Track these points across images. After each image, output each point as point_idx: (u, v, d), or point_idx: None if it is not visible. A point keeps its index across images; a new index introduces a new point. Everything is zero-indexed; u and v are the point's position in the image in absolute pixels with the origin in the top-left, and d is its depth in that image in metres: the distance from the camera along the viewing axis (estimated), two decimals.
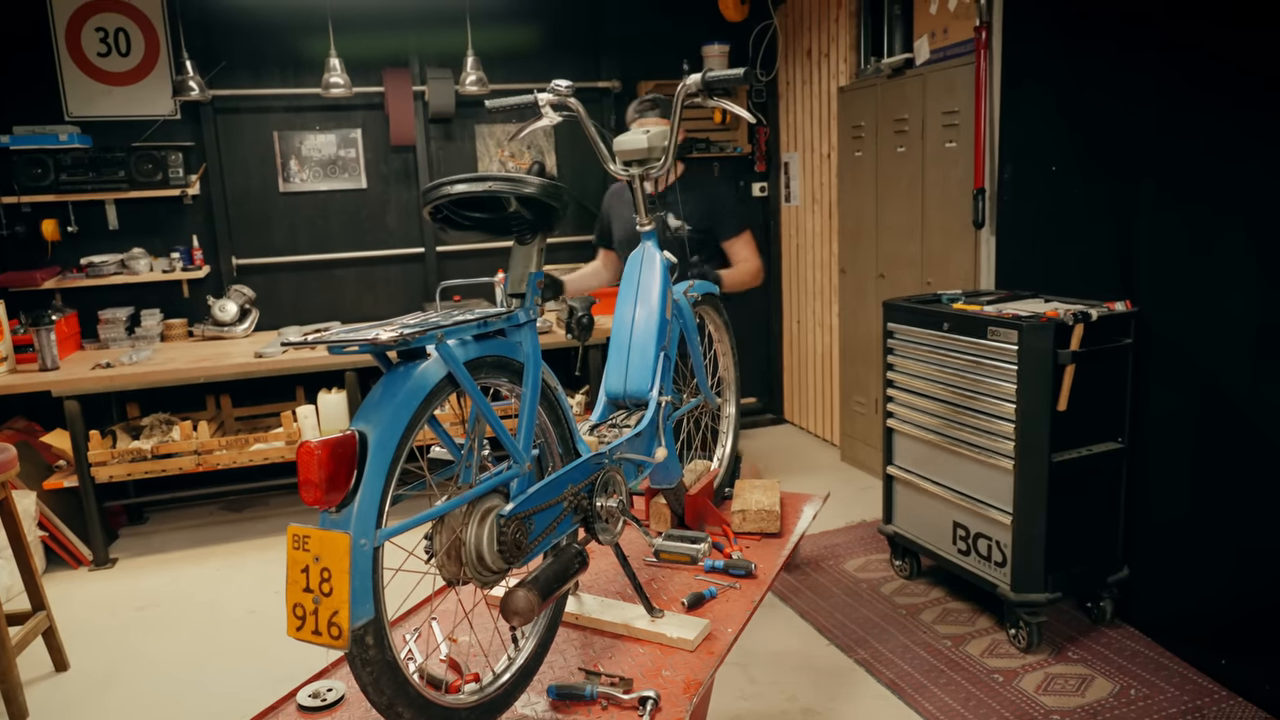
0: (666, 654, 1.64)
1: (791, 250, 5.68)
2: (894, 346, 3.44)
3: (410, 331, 1.12)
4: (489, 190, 1.36)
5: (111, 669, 3.23)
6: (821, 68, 5.09)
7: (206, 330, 4.71)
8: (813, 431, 5.65)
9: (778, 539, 2.15)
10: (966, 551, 3.15)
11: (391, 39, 4.90)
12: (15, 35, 4.44)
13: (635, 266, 1.97)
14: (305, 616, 1.07)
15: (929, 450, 3.31)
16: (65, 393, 3.97)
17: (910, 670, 2.90)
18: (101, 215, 4.69)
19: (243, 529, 4.58)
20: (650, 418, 1.84)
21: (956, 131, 3.88)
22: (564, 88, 1.97)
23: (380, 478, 1.10)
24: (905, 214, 4.34)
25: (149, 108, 4.68)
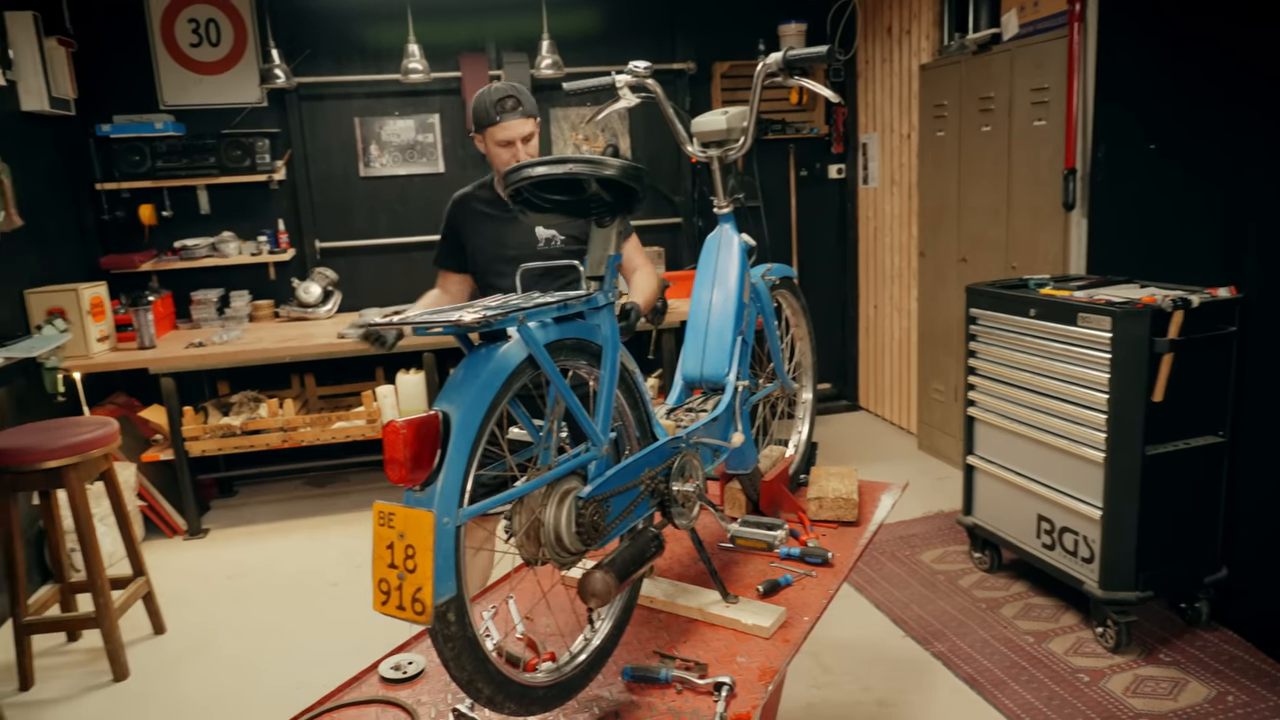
0: (741, 640, 1.63)
1: (869, 233, 5.56)
2: (977, 333, 3.34)
3: (492, 314, 1.13)
4: (569, 172, 1.35)
5: (205, 633, 3.38)
6: (902, 45, 4.95)
7: (291, 311, 4.86)
8: (888, 419, 5.54)
9: (855, 528, 2.12)
10: (1051, 546, 3.05)
11: (468, 24, 4.95)
12: (115, 29, 4.62)
13: (713, 249, 1.95)
14: (390, 592, 1.09)
15: (1013, 440, 3.20)
16: (162, 370, 4.14)
17: (990, 666, 2.83)
18: (194, 200, 4.87)
19: (325, 504, 4.73)
20: (727, 402, 1.82)
21: (1046, 109, 3.73)
22: (642, 69, 1.95)
23: (463, 457, 1.11)
24: (989, 196, 4.20)
25: (237, 95, 4.83)
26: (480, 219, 2.59)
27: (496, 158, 2.49)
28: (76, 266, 4.51)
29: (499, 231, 2.55)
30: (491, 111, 2.44)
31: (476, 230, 2.59)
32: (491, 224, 2.57)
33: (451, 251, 2.66)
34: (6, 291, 3.85)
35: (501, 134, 2.43)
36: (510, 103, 2.44)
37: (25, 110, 4.07)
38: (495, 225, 2.57)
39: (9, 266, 3.85)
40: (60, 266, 4.31)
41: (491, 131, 2.45)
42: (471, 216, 2.60)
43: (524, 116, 2.45)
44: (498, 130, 2.44)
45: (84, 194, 4.65)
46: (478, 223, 2.59)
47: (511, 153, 2.46)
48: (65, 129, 4.49)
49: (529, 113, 2.46)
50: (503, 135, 2.43)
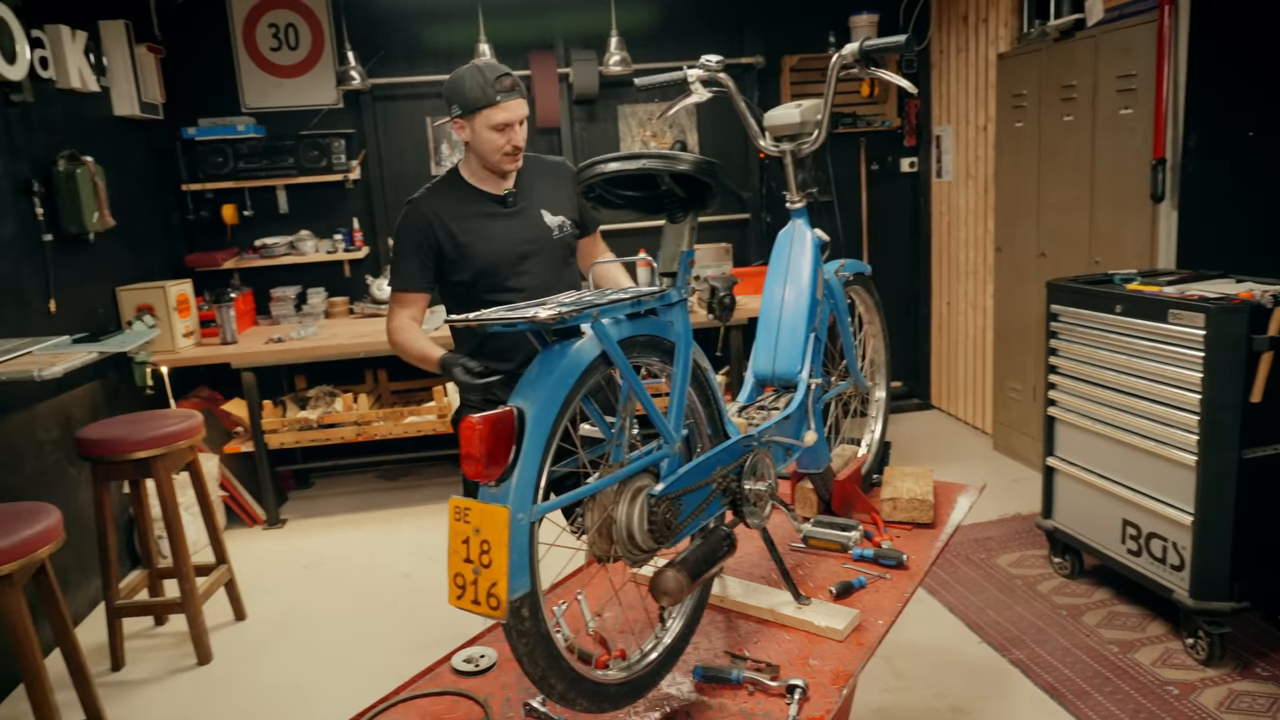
0: (814, 642, 1.60)
1: (942, 228, 5.42)
2: (1058, 330, 3.23)
3: (567, 310, 1.13)
4: (642, 168, 1.34)
5: (283, 620, 3.48)
6: (979, 34, 4.81)
7: (365, 308, 4.97)
8: (961, 418, 5.40)
9: (930, 529, 2.07)
10: (1137, 552, 2.93)
11: (537, 22, 4.98)
12: (201, 36, 4.78)
13: (785, 245, 1.92)
14: (465, 586, 1.10)
15: (1097, 441, 3.09)
16: (243, 365, 4.28)
17: (1071, 675, 2.73)
18: (273, 200, 5.01)
19: (397, 497, 4.82)
20: (799, 400, 1.79)
21: (1133, 97, 3.58)
22: (714, 63, 1.93)
23: (538, 453, 1.12)
24: (1071, 188, 4.05)
25: (314, 97, 4.95)
26: (475, 219, 2.29)
27: (489, 143, 2.23)
28: (163, 265, 4.68)
29: (508, 228, 2.31)
30: (490, 91, 2.19)
31: (477, 232, 2.28)
32: (495, 221, 2.31)
33: (422, 268, 2.29)
34: (100, 289, 4.03)
35: (501, 115, 2.20)
36: (508, 80, 2.21)
37: (118, 115, 4.25)
38: (500, 222, 2.32)
39: (103, 265, 4.02)
40: (149, 265, 4.48)
41: (488, 114, 2.20)
42: (460, 220, 2.28)
43: (521, 96, 2.25)
44: (496, 111, 2.19)
45: (170, 195, 4.83)
46: (475, 224, 2.29)
47: (508, 137, 2.23)
48: (154, 132, 4.67)
49: (523, 94, 2.27)
50: (502, 117, 2.20)
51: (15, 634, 2.18)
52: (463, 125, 2.25)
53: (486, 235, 2.30)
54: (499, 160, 2.27)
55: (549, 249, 2.35)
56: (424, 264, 2.30)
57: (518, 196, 2.35)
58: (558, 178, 2.44)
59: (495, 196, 2.33)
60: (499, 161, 2.27)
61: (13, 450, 3.22)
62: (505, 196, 2.33)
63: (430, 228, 2.28)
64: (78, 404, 3.70)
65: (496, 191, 2.34)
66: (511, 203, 2.34)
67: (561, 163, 2.50)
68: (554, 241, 2.36)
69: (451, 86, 2.23)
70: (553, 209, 2.37)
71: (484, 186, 2.34)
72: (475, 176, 2.34)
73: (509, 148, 2.25)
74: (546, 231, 2.35)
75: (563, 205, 2.39)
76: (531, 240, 2.33)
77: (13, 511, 2.29)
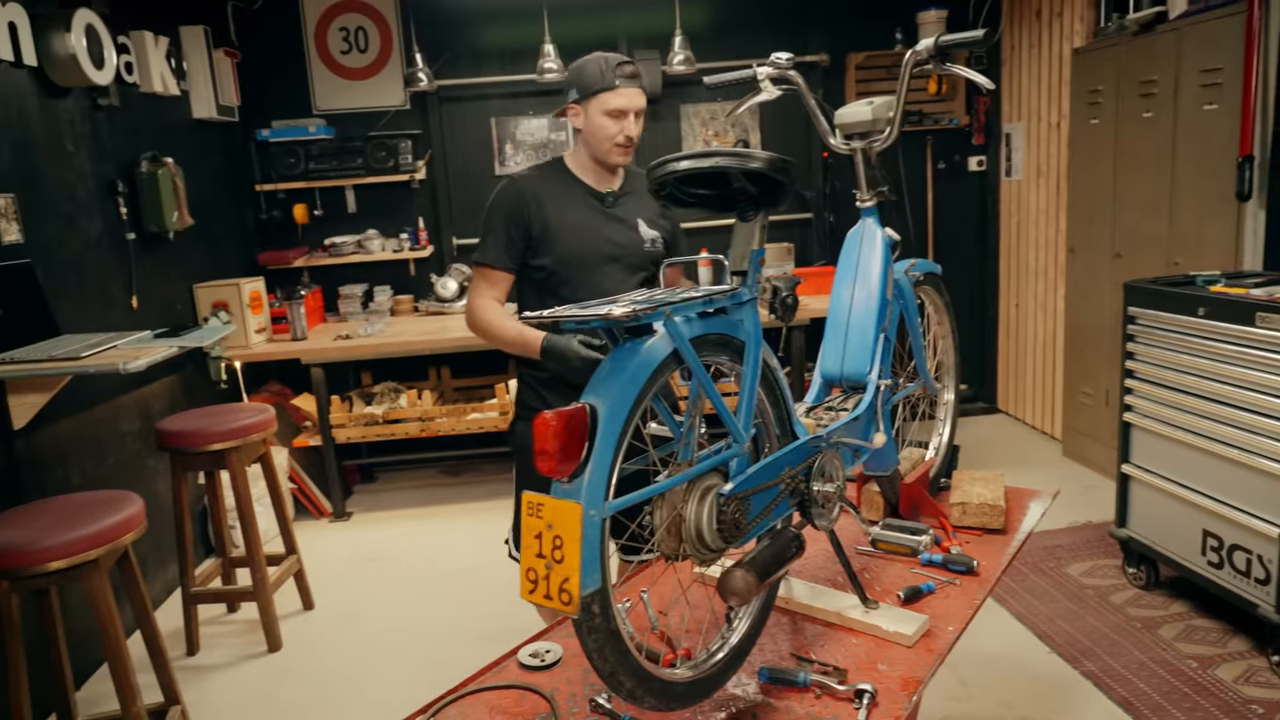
0: (881, 647, 1.57)
1: (1011, 228, 5.30)
2: (1136, 333, 3.12)
3: (641, 307, 1.13)
4: (715, 166, 1.34)
5: (350, 611, 3.56)
6: (1052, 28, 4.69)
7: (429, 306, 5.05)
8: (1029, 423, 5.27)
9: (1001, 535, 2.02)
10: (1219, 564, 2.82)
11: (601, 22, 5.00)
12: (274, 40, 4.92)
13: (855, 244, 1.89)
14: (538, 581, 1.11)
15: (1176, 449, 2.98)
16: (312, 360, 4.39)
17: (1147, 690, 2.64)
18: (342, 199, 5.13)
19: (459, 492, 4.90)
20: (868, 401, 1.77)
21: (1218, 92, 3.44)
22: (784, 60, 1.91)
23: (610, 450, 1.12)
24: (1149, 186, 3.92)
25: (383, 99, 5.05)
26: (571, 209, 2.23)
27: (601, 130, 2.18)
28: (237, 262, 4.83)
29: (602, 226, 2.25)
30: (609, 75, 2.15)
31: (570, 222, 2.21)
32: (591, 216, 2.24)
33: (510, 244, 2.21)
34: (178, 286, 4.17)
35: (618, 100, 2.15)
36: (630, 69, 2.18)
37: (196, 118, 4.40)
38: (596, 218, 2.25)
39: (181, 262, 4.16)
40: (223, 262, 4.63)
41: (605, 98, 2.15)
42: (557, 205, 2.22)
43: (641, 88, 2.19)
44: (614, 96, 2.15)
45: (245, 195, 4.98)
46: (571, 213, 2.22)
47: (621, 126, 2.18)
48: (229, 134, 4.82)
49: (644, 86, 2.22)
50: (619, 103, 2.15)
51: (100, 616, 2.27)
52: (578, 111, 2.20)
53: (579, 227, 2.22)
54: (609, 150, 2.20)
55: (637, 259, 2.27)
56: (512, 240, 2.21)
57: (619, 199, 2.28)
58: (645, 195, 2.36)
59: (597, 192, 2.26)
60: (609, 151, 2.20)
61: (98, 440, 3.35)
62: (607, 195, 2.26)
63: (525, 204, 2.20)
64: (157, 397, 3.84)
65: (599, 188, 2.27)
66: (611, 203, 2.26)
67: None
68: (643, 253, 2.27)
69: (572, 72, 2.21)
70: (650, 222, 2.30)
71: (588, 180, 2.27)
72: (581, 168, 2.27)
73: (621, 137, 2.18)
74: (639, 241, 2.27)
75: (659, 222, 2.33)
76: (621, 245, 2.24)
77: (100, 499, 2.39)
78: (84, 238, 3.37)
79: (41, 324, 2.91)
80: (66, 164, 3.29)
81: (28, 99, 3.09)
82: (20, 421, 2.81)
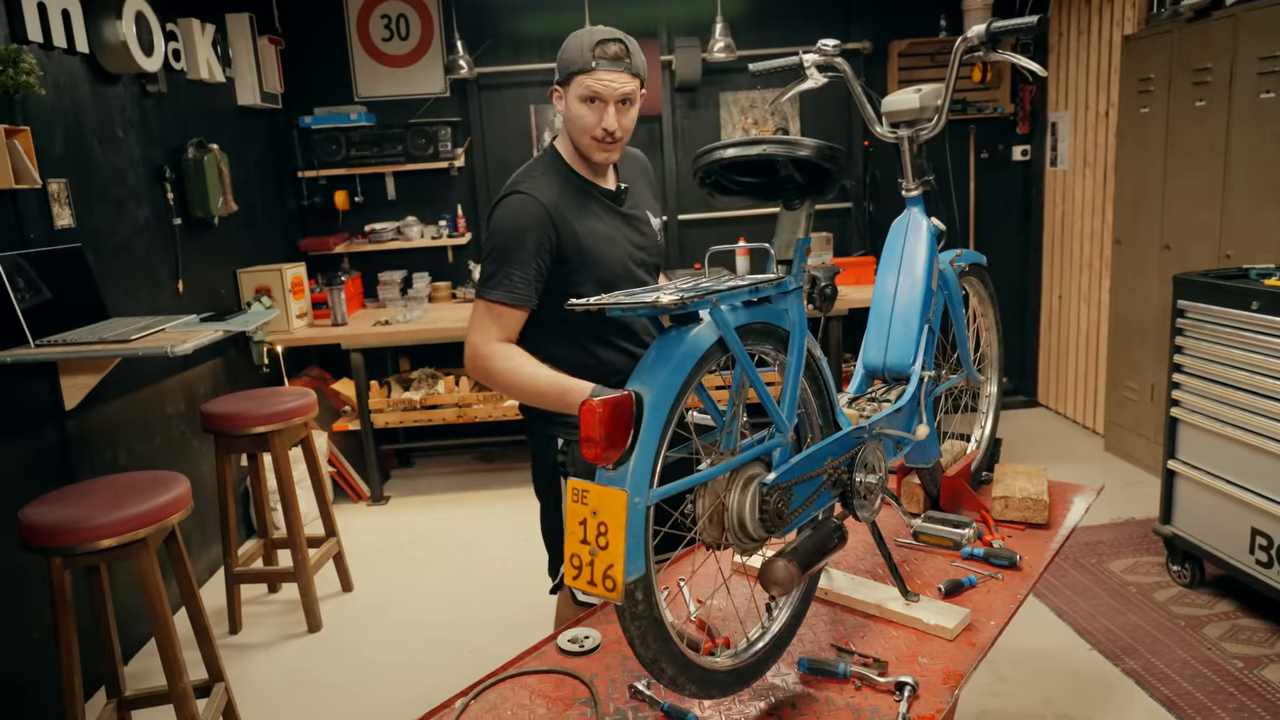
0: (922, 640, 1.56)
1: (1055, 219, 5.20)
2: (1185, 327, 3.06)
3: (689, 295, 1.12)
4: (763, 153, 1.33)
5: (388, 594, 3.61)
6: (1102, 15, 4.58)
7: (467, 293, 5.09)
8: (1070, 417, 5.18)
9: (1044, 530, 1.99)
10: (1268, 563, 2.75)
11: (641, 9, 4.98)
12: (317, 27, 4.97)
13: (900, 233, 1.87)
14: (582, 567, 1.11)
15: (1225, 445, 2.91)
16: (352, 346, 4.44)
17: (1191, 689, 2.59)
18: (382, 186, 5.17)
19: (494, 478, 4.93)
20: (912, 393, 1.75)
21: (1276, 80, 3.34)
22: (830, 47, 1.89)
23: (655, 438, 1.12)
24: (1201, 177, 3.82)
25: (423, 86, 5.08)
26: (594, 219, 1.91)
27: (578, 119, 1.84)
28: (279, 248, 4.90)
29: (627, 232, 1.97)
30: (586, 54, 1.79)
31: (600, 235, 1.90)
32: (613, 223, 1.94)
33: (538, 277, 1.83)
34: (222, 271, 4.24)
35: (592, 84, 1.80)
36: (614, 47, 1.79)
37: (241, 104, 4.45)
38: (617, 224, 1.95)
39: (225, 248, 4.23)
40: (266, 248, 4.69)
41: (580, 80, 1.81)
42: (581, 219, 1.88)
43: (628, 72, 1.82)
44: (589, 79, 1.80)
45: (287, 181, 5.04)
46: (597, 225, 1.91)
47: (599, 116, 1.83)
48: (273, 121, 4.88)
49: (635, 70, 1.83)
50: (593, 86, 1.80)
51: (148, 594, 2.32)
52: (560, 94, 1.88)
53: (610, 239, 1.91)
54: (587, 144, 1.88)
55: (658, 258, 2.05)
56: (540, 272, 1.83)
57: (626, 193, 2.00)
58: (645, 173, 2.11)
59: (607, 191, 1.96)
60: (587, 145, 1.88)
61: (145, 422, 3.43)
62: (619, 192, 1.97)
63: (552, 225, 1.83)
64: (201, 380, 3.91)
65: (606, 185, 1.97)
66: (623, 200, 1.98)
67: (642, 155, 2.14)
68: (659, 248, 2.05)
69: (562, 47, 1.87)
70: (653, 211, 2.06)
71: (593, 179, 1.96)
72: (577, 162, 1.94)
73: (598, 130, 1.84)
74: (654, 236, 2.04)
75: (655, 208, 2.08)
76: (645, 248, 1.99)
77: (149, 479, 2.44)
78: (132, 222, 3.43)
79: (91, 307, 2.97)
80: (116, 150, 3.35)
81: (80, 86, 3.16)
82: (71, 402, 2.88)
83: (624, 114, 1.86)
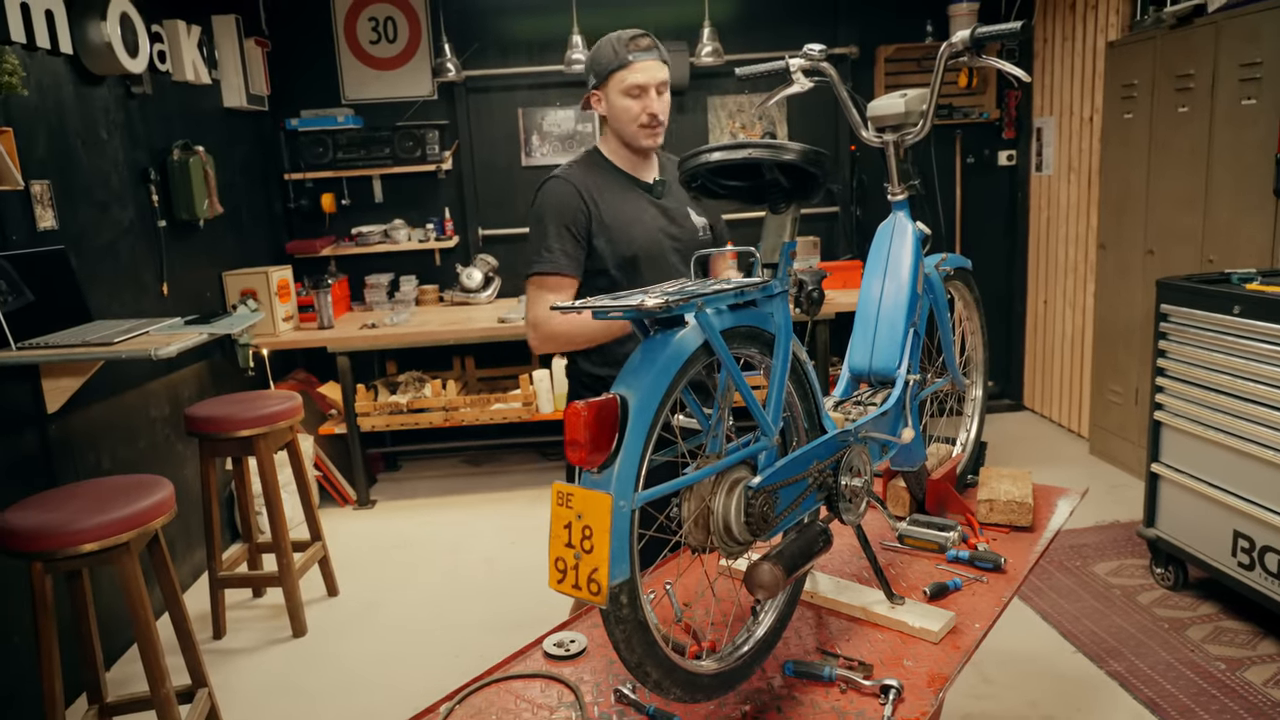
0: (907, 643, 1.57)
1: (1040, 223, 5.23)
2: (1168, 331, 3.08)
3: (674, 299, 1.12)
4: (748, 157, 1.33)
5: (373, 598, 3.59)
6: (1087, 21, 4.62)
7: (454, 296, 5.07)
8: (1056, 420, 5.22)
9: (1029, 533, 2.00)
10: (1250, 566, 2.78)
11: (629, 13, 4.99)
12: (304, 29, 4.95)
13: (886, 237, 1.87)
14: (566, 570, 1.11)
15: (1207, 448, 2.94)
16: (338, 349, 4.42)
17: (1174, 691, 2.61)
18: (369, 189, 5.16)
19: (481, 482, 4.92)
20: (897, 396, 1.76)
21: (1257, 87, 3.38)
22: (817, 52, 1.90)
23: (640, 441, 1.12)
24: (1184, 182, 3.86)
25: (410, 89, 5.07)
26: (625, 203, 2.10)
27: (624, 112, 2.04)
28: (266, 251, 4.87)
29: (659, 219, 2.15)
30: (621, 51, 1.99)
31: (629, 217, 2.09)
32: (646, 209, 2.14)
33: (576, 248, 2.05)
34: (208, 273, 4.22)
35: (634, 76, 2.01)
36: (645, 40, 2.00)
37: (227, 106, 4.43)
38: (652, 210, 2.15)
39: (210, 250, 4.21)
40: (252, 251, 4.67)
41: (620, 76, 2.01)
42: (611, 201, 2.08)
43: (660, 59, 2.03)
44: (629, 73, 2.00)
45: (274, 184, 5.02)
46: (627, 207, 2.10)
47: (643, 104, 2.04)
48: (259, 123, 4.86)
49: (664, 58, 2.04)
50: (636, 78, 2.01)
51: (130, 599, 2.31)
52: (599, 97, 2.08)
53: (639, 221, 2.07)
54: (635, 133, 2.07)
55: (694, 249, 2.14)
56: (578, 244, 2.03)
57: (665, 187, 2.17)
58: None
59: (644, 183, 2.15)
60: (635, 134, 2.07)
61: (129, 425, 3.40)
62: (654, 185, 2.15)
63: (582, 204, 2.03)
64: (186, 383, 3.88)
65: (643, 177, 2.16)
66: (660, 193, 2.15)
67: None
68: (699, 242, 2.17)
69: (589, 58, 2.09)
70: (697, 210, 2.22)
71: (628, 170, 2.15)
72: (618, 157, 2.14)
73: (644, 116, 2.04)
74: (694, 230, 2.17)
75: (704, 209, 2.22)
76: (679, 238, 2.13)
77: (132, 483, 2.42)
78: (117, 225, 3.41)
79: (74, 310, 2.95)
80: (100, 152, 3.33)
81: (63, 87, 3.14)
82: (53, 406, 2.85)
83: (662, 98, 2.05)
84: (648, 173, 2.18)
